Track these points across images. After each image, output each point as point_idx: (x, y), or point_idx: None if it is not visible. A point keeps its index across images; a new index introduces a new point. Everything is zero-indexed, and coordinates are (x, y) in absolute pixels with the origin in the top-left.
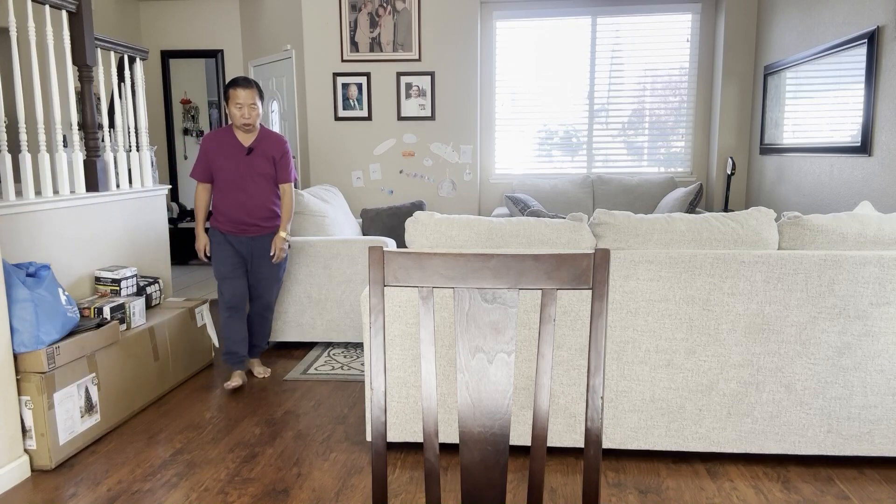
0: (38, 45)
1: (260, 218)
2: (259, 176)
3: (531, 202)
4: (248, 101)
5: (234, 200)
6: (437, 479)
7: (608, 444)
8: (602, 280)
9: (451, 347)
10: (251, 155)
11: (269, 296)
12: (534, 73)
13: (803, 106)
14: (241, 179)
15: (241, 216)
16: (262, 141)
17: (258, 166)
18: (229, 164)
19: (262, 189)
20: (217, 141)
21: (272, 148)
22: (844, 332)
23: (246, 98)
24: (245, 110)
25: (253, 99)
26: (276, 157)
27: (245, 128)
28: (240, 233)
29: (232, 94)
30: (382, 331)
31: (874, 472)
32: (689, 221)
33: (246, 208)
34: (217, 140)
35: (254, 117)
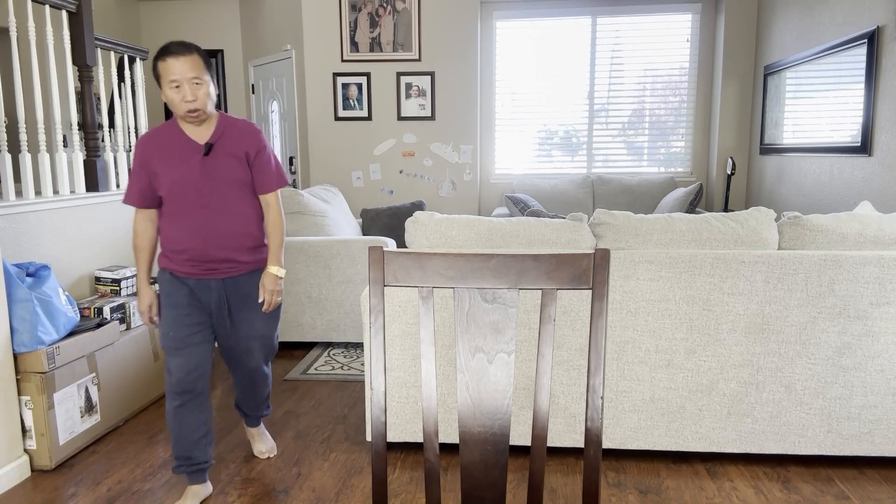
0: (38, 45)
1: (235, 249)
2: (227, 185)
3: (531, 202)
4: (189, 75)
5: (193, 226)
6: (437, 479)
7: (608, 444)
8: (602, 280)
9: (451, 347)
10: (212, 155)
11: (255, 360)
12: (534, 73)
13: (803, 106)
14: (201, 193)
15: (206, 249)
16: (226, 133)
17: (224, 171)
18: (180, 172)
19: (233, 204)
20: (157, 142)
21: (242, 141)
22: (844, 332)
23: (183, 70)
24: (186, 89)
25: (195, 71)
26: (251, 154)
27: (191, 117)
28: (205, 274)
29: (162, 70)
30: (382, 331)
31: (874, 472)
32: (689, 221)
33: (212, 236)
34: (157, 141)
35: (202, 98)
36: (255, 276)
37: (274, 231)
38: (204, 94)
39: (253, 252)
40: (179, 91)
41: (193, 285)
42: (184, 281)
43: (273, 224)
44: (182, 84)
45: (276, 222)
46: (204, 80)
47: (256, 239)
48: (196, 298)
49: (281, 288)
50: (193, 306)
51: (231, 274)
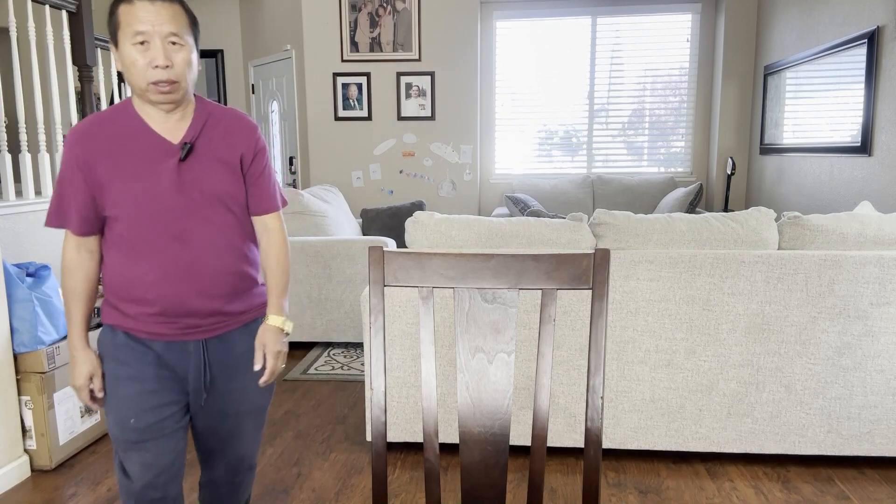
0: (38, 45)
1: (225, 296)
2: (213, 204)
3: (531, 202)
4: (164, 29)
5: (164, 265)
6: (437, 479)
7: (608, 444)
8: (602, 280)
9: (451, 347)
10: (191, 160)
11: (244, 445)
12: (534, 73)
13: (803, 106)
14: (176, 216)
15: (184, 298)
16: (209, 128)
17: (210, 183)
18: (143, 184)
19: (221, 231)
20: (104, 138)
21: (234, 139)
22: (844, 332)
23: (158, 20)
24: (157, 47)
25: (175, 25)
26: (247, 158)
27: (160, 92)
28: (181, 335)
29: (123, 16)
30: (382, 331)
31: (874, 472)
32: (689, 221)
33: (192, 279)
34: (104, 136)
35: (180, 66)
36: (249, 331)
37: (277, 267)
38: (183, 62)
39: (247, 298)
40: (146, 50)
41: (162, 350)
42: (147, 345)
43: (276, 257)
44: (152, 40)
45: (279, 255)
46: (186, 43)
47: (251, 279)
48: (166, 368)
49: (284, 349)
50: (162, 379)
51: (218, 331)
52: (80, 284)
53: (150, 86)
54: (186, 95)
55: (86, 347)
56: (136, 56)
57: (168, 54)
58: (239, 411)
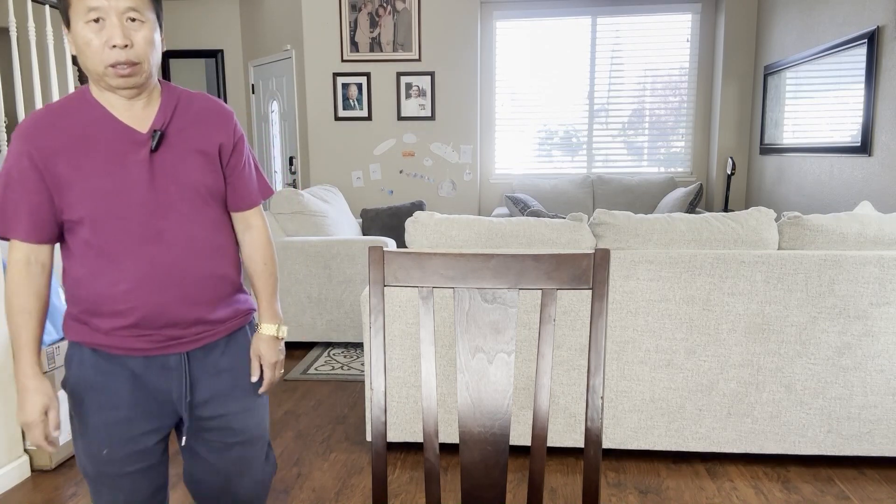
0: (38, 45)
1: (208, 302)
2: (191, 199)
3: (531, 202)
4: (122, 5)
5: (140, 270)
6: (437, 479)
7: (608, 444)
8: (602, 280)
9: (451, 347)
10: (163, 149)
11: (251, 481)
12: (534, 73)
13: (803, 106)
14: (152, 214)
15: (164, 306)
16: (180, 114)
17: (186, 176)
18: (113, 179)
19: (202, 229)
20: (62, 130)
21: (210, 127)
22: (844, 332)
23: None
24: (114, 25)
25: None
26: (226, 148)
27: (120, 75)
28: (161, 348)
29: None
30: (382, 331)
31: (874, 472)
32: (689, 221)
33: (173, 285)
34: (62, 128)
35: (141, 46)
36: (236, 342)
37: (265, 269)
38: (144, 41)
39: (231, 303)
40: (101, 29)
41: (139, 368)
42: (121, 363)
43: (263, 258)
44: (108, 17)
45: (266, 254)
46: (147, 19)
47: (236, 283)
48: (144, 389)
49: (281, 358)
50: (139, 404)
51: (201, 342)
52: (29, 302)
53: (108, 69)
54: (150, 79)
55: (38, 375)
56: (91, 36)
57: (126, 32)
58: (244, 440)
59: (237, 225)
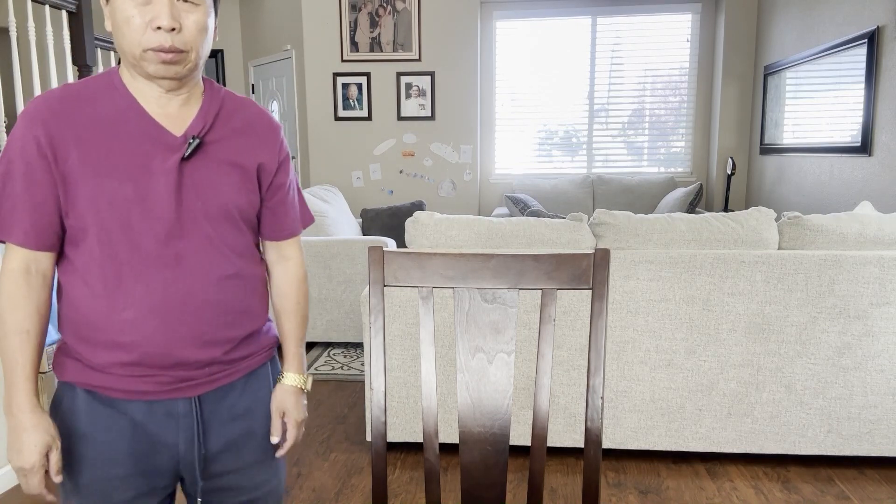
0: (38, 45)
1: (227, 341)
2: (218, 219)
3: (531, 202)
4: None
5: (146, 296)
6: (437, 479)
7: (608, 444)
8: (602, 280)
9: (451, 347)
10: (195, 158)
11: None
12: (534, 73)
13: (803, 106)
14: (171, 232)
15: (173, 343)
16: (224, 118)
17: (214, 191)
18: (132, 185)
19: (222, 257)
20: (78, 118)
21: (254, 140)
22: (844, 332)
23: None
24: (163, 3)
25: None
26: (268, 169)
27: (164, 62)
28: (168, 391)
29: None
30: (382, 331)
31: (874, 472)
32: (689, 221)
33: (187, 317)
34: (78, 115)
35: (191, 32)
36: (257, 378)
37: (296, 311)
38: (196, 27)
39: (253, 342)
40: (147, 4)
41: (140, 414)
42: (120, 408)
43: (296, 297)
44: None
45: (299, 293)
46: (202, 1)
47: (261, 319)
48: (145, 440)
49: (304, 413)
50: (139, 458)
51: (216, 384)
52: (28, 320)
53: (148, 52)
54: (195, 72)
55: (37, 408)
56: (133, 11)
57: (176, 13)
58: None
59: (269, 254)
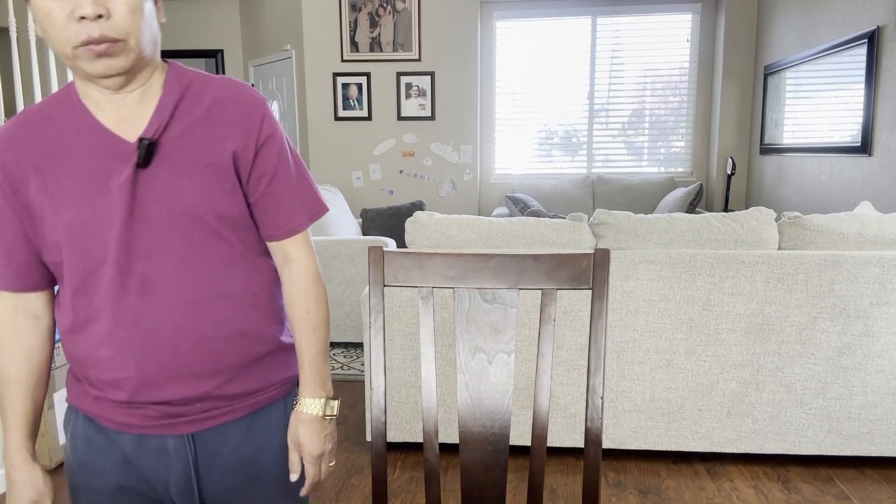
0: (38, 44)
1: (213, 373)
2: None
3: (531, 202)
4: None
5: (116, 328)
6: (437, 479)
7: (608, 444)
8: (602, 280)
9: (451, 347)
10: (156, 164)
11: None
12: (534, 73)
13: (803, 106)
14: (129, 254)
15: (150, 375)
16: (188, 107)
17: (180, 199)
18: (84, 208)
19: (200, 275)
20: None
21: (225, 126)
22: (844, 332)
23: None
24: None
25: None
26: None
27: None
28: (154, 427)
29: None
30: (382, 331)
31: (874, 472)
32: (689, 221)
33: (158, 350)
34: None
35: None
36: (264, 423)
37: (306, 317)
38: (127, 9)
39: (263, 369)
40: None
41: (131, 450)
42: (113, 439)
43: (304, 304)
44: None
45: (308, 299)
46: None
47: (270, 341)
48: (135, 476)
49: (335, 441)
50: (126, 496)
51: (214, 421)
52: (14, 367)
53: (79, 49)
54: (142, 61)
55: (28, 462)
56: (52, 5)
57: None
58: None
59: (275, 258)
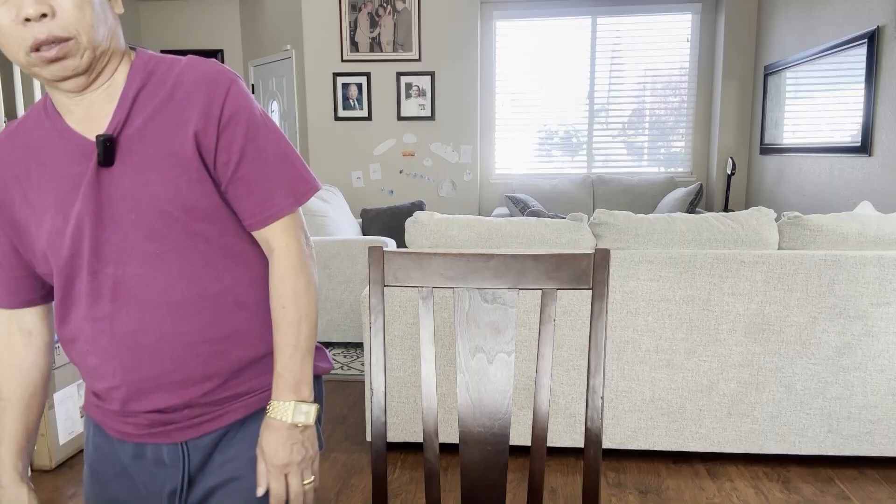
0: None
1: (199, 379)
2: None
3: (531, 202)
4: None
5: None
6: (437, 479)
7: (608, 444)
8: (602, 280)
9: (451, 347)
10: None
11: None
12: (534, 73)
13: (803, 106)
14: (98, 259)
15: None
16: (149, 96)
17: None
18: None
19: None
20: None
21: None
22: (844, 332)
23: None
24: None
25: None
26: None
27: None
28: (147, 435)
29: None
30: (382, 331)
31: (874, 472)
32: (689, 221)
33: (138, 358)
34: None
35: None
36: (251, 428)
37: (282, 312)
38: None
39: (252, 375)
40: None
41: (128, 458)
42: (115, 447)
43: (280, 294)
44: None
45: (285, 291)
46: None
47: (258, 342)
48: (133, 488)
49: (309, 453)
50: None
51: (207, 428)
52: (7, 384)
53: (31, 56)
54: (100, 57)
55: (14, 482)
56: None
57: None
58: None
59: (263, 249)
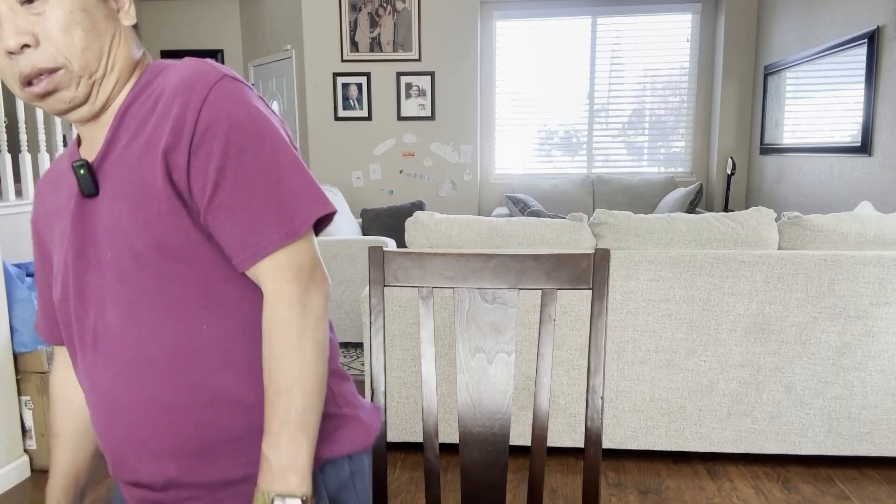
0: None
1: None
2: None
3: (531, 202)
4: None
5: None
6: (437, 479)
7: (608, 444)
8: (602, 280)
9: (451, 347)
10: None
11: None
12: (534, 73)
13: (803, 106)
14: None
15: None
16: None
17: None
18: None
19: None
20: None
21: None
22: (844, 332)
23: None
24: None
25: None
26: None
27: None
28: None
29: None
30: (382, 331)
31: (874, 472)
32: (689, 221)
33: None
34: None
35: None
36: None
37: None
38: (58, 28)
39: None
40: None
41: None
42: None
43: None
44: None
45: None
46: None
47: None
48: None
49: None
50: None
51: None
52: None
53: (26, 90)
54: (102, 82)
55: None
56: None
57: (21, 23)
58: None
59: (261, 285)
